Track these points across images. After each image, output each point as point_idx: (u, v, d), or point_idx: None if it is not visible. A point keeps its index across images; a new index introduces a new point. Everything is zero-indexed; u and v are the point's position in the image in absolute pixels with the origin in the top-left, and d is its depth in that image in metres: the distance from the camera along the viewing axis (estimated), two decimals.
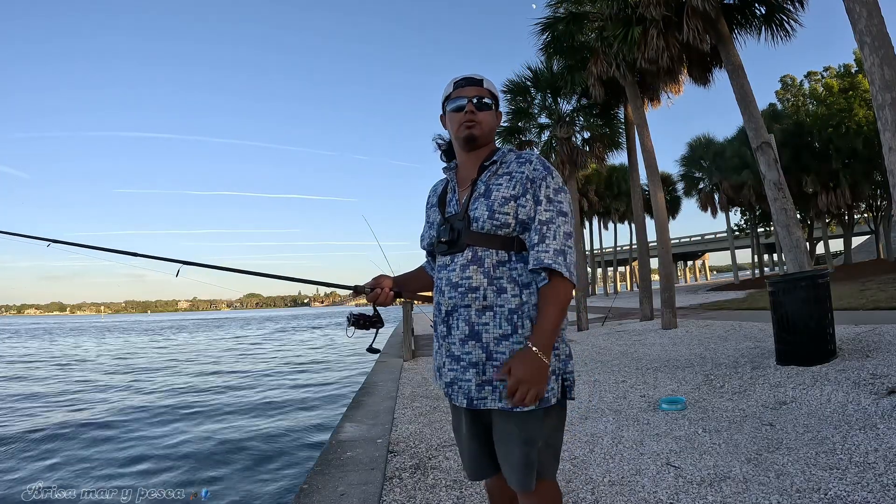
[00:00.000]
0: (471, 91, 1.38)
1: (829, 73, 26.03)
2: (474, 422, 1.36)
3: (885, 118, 4.60)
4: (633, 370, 5.64)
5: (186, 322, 64.91)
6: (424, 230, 1.50)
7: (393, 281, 1.54)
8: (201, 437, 5.91)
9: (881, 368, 4.16)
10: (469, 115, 1.36)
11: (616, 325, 11.13)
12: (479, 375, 1.27)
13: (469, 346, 1.28)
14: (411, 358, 8.15)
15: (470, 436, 1.38)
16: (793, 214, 6.65)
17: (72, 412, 7.71)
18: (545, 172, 1.31)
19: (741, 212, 33.58)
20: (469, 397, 1.28)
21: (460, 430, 1.41)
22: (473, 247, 1.30)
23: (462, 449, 1.43)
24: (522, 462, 1.25)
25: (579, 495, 2.40)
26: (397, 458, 3.15)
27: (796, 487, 2.26)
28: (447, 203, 1.42)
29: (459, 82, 1.40)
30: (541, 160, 1.34)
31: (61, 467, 4.92)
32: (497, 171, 1.36)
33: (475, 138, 1.37)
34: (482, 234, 1.29)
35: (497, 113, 1.44)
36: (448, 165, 1.47)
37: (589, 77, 10.36)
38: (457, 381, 1.30)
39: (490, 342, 1.27)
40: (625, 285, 62.29)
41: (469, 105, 1.36)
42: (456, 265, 1.32)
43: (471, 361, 1.28)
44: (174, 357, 16.93)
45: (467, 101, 1.36)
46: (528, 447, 1.25)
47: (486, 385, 1.26)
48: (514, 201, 1.29)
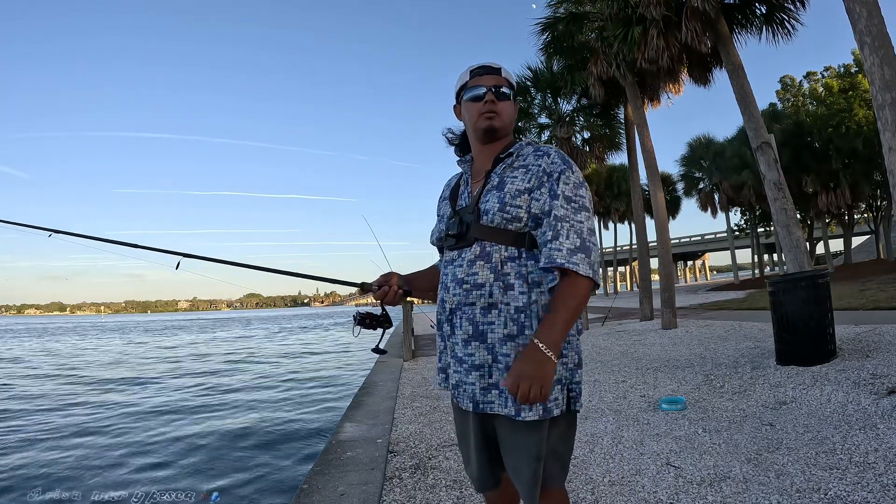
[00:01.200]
0: (489, 80, 1.29)
1: (829, 73, 26.04)
2: (482, 427, 1.29)
3: (885, 118, 4.59)
4: (633, 370, 5.64)
5: (188, 322, 64.85)
6: (435, 225, 1.43)
7: (402, 279, 1.46)
8: (200, 436, 5.91)
9: (881, 368, 4.16)
10: (489, 106, 1.28)
11: (616, 325, 11.12)
12: (485, 378, 1.20)
13: (472, 346, 1.22)
14: (411, 358, 8.14)
15: (478, 444, 1.30)
16: (793, 214, 6.65)
17: (67, 411, 7.72)
18: (564, 166, 1.23)
19: (741, 212, 33.60)
20: (475, 401, 1.22)
21: (467, 436, 1.33)
22: (482, 241, 1.23)
23: (468, 457, 1.35)
24: (530, 477, 1.19)
25: (579, 495, 2.40)
26: (397, 458, 3.15)
27: (796, 487, 2.25)
28: (459, 196, 1.36)
29: (476, 70, 1.31)
30: (560, 153, 1.27)
31: (62, 469, 4.91)
32: (513, 164, 1.28)
33: (495, 130, 1.30)
34: (492, 227, 1.23)
35: (515, 104, 1.36)
36: (463, 158, 1.40)
37: (589, 77, 10.38)
38: (462, 384, 1.24)
39: (495, 343, 1.20)
40: (625, 285, 62.30)
41: (489, 94, 1.28)
42: (463, 260, 1.25)
43: (474, 364, 1.22)
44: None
45: (486, 90, 1.28)
46: (536, 463, 1.19)
47: (493, 388, 1.20)
48: (527, 194, 1.22)
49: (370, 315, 1.42)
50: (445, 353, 1.33)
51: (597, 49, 10.03)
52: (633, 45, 8.63)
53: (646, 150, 9.96)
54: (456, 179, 1.45)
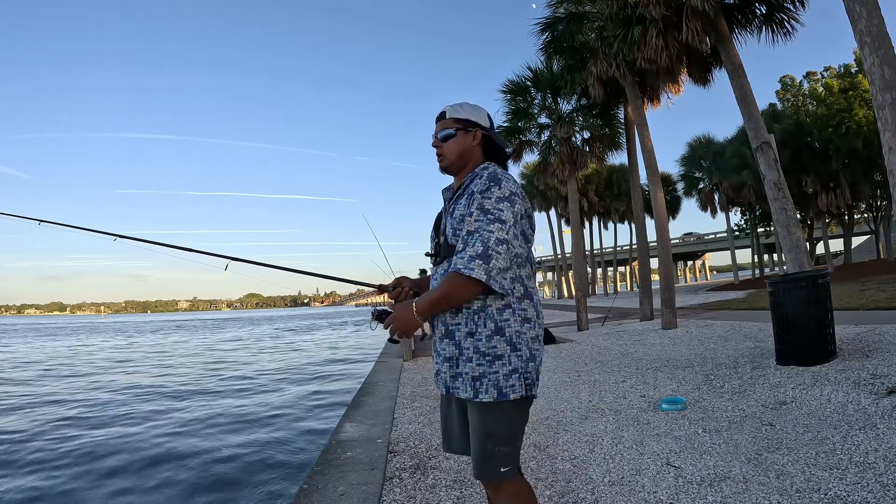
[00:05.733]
0: (437, 128, 1.58)
1: (829, 73, 26.02)
2: (461, 407, 1.54)
3: (885, 118, 4.59)
4: (633, 370, 5.64)
5: (193, 323, 64.76)
6: None
7: (412, 282, 1.75)
8: (200, 433, 5.91)
9: (881, 368, 4.16)
10: (437, 150, 1.58)
11: (616, 325, 11.13)
12: (453, 368, 1.47)
13: (445, 343, 1.49)
14: (411, 358, 8.15)
15: (461, 419, 1.55)
16: (793, 214, 6.65)
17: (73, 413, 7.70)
18: (488, 183, 1.43)
19: (741, 212, 33.60)
20: (447, 386, 1.50)
21: (451, 413, 1.59)
22: (448, 258, 1.48)
23: (445, 426, 1.63)
24: (480, 451, 1.41)
25: (579, 495, 2.40)
26: (397, 458, 3.15)
27: (796, 487, 2.26)
28: (442, 219, 1.60)
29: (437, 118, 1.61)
30: (490, 173, 1.47)
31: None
32: (462, 192, 1.51)
33: (445, 169, 1.59)
34: (451, 247, 1.47)
35: (467, 132, 1.56)
36: (447, 188, 1.66)
37: (589, 77, 10.36)
38: (440, 372, 1.53)
39: (461, 339, 1.45)
40: (625, 285, 62.30)
41: (435, 141, 1.58)
42: (437, 274, 1.56)
43: (445, 356, 1.49)
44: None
45: (434, 138, 1.58)
46: (486, 438, 1.40)
47: (459, 377, 1.45)
48: (469, 216, 1.44)
49: (385, 312, 1.61)
50: (433, 346, 1.59)
51: (597, 49, 10.03)
52: (632, 45, 8.63)
53: (646, 150, 9.96)
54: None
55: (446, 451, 1.64)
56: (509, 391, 1.39)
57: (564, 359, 7.01)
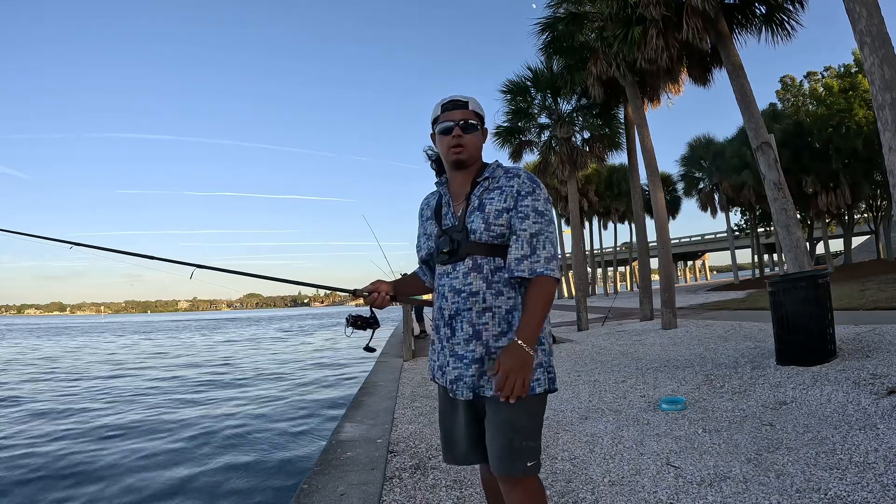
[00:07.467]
0: (457, 115, 1.47)
1: (830, 73, 26.02)
2: (473, 411, 1.48)
3: (885, 118, 4.59)
4: (633, 370, 5.64)
5: (197, 323, 64.81)
6: (421, 241, 1.60)
7: (389, 285, 1.66)
8: (199, 432, 5.91)
9: (881, 368, 4.16)
10: (457, 140, 1.45)
11: (616, 325, 11.12)
12: (481, 369, 1.40)
13: (472, 345, 1.41)
14: (411, 358, 8.14)
15: (468, 428, 1.49)
16: (793, 214, 6.65)
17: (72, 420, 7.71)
18: (533, 185, 1.43)
19: (741, 212, 33.58)
20: (472, 390, 1.41)
21: (457, 420, 1.50)
22: (473, 255, 1.42)
23: (450, 435, 1.53)
24: (507, 447, 1.36)
25: (579, 495, 2.40)
26: (397, 458, 3.15)
27: (796, 487, 2.25)
28: (443, 216, 1.52)
29: (446, 105, 1.48)
30: (528, 175, 1.46)
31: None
32: (489, 187, 1.46)
33: (463, 162, 1.48)
34: (480, 244, 1.41)
35: (483, 130, 1.53)
36: (440, 180, 1.58)
37: (589, 77, 10.35)
38: (461, 378, 1.42)
39: (489, 339, 1.40)
40: (625, 285, 62.28)
41: (456, 129, 1.45)
42: (458, 273, 1.44)
43: (473, 358, 1.41)
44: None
45: (454, 125, 1.46)
46: (514, 433, 1.36)
47: (485, 375, 1.40)
48: (506, 213, 1.41)
49: (360, 317, 1.56)
50: (444, 352, 1.48)
51: (597, 49, 10.02)
52: (632, 45, 8.63)
53: (646, 150, 9.96)
54: (436, 199, 1.59)
55: (449, 462, 1.57)
56: (536, 385, 1.38)
57: (564, 359, 7.01)
